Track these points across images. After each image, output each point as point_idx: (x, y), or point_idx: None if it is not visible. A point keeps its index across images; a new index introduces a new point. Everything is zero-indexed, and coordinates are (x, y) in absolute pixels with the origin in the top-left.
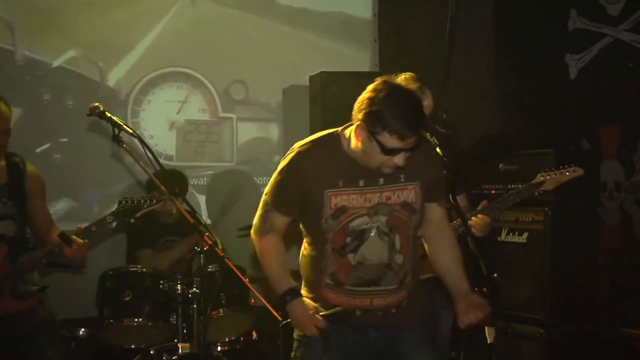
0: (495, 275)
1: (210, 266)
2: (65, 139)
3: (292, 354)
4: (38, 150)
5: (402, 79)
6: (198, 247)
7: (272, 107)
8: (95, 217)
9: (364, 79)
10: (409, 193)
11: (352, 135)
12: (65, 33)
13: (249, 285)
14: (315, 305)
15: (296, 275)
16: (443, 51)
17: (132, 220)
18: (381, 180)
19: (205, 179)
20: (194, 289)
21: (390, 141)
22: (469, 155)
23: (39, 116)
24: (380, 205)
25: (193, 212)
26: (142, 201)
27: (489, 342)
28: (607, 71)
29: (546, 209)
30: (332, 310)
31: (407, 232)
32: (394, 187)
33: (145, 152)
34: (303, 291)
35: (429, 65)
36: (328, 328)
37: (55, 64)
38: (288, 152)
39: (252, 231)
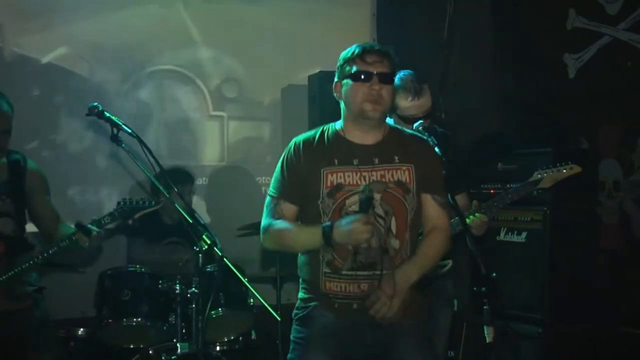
0: (494, 274)
1: (209, 266)
2: (54, 136)
3: (289, 355)
4: (27, 147)
5: (400, 77)
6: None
7: (264, 106)
8: (84, 215)
9: None
10: (403, 173)
11: (342, 110)
12: (55, 30)
13: (247, 285)
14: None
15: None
16: (441, 50)
17: (130, 222)
18: (376, 160)
19: (200, 179)
20: (193, 289)
21: (354, 66)
22: (467, 154)
23: (28, 113)
24: (375, 183)
25: (192, 212)
26: (141, 202)
27: (487, 341)
28: (605, 70)
29: (545, 208)
30: (360, 199)
31: (403, 217)
32: (388, 167)
33: (144, 152)
34: (302, 293)
35: (427, 64)
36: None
37: (45, 60)
38: (288, 145)
39: (261, 231)
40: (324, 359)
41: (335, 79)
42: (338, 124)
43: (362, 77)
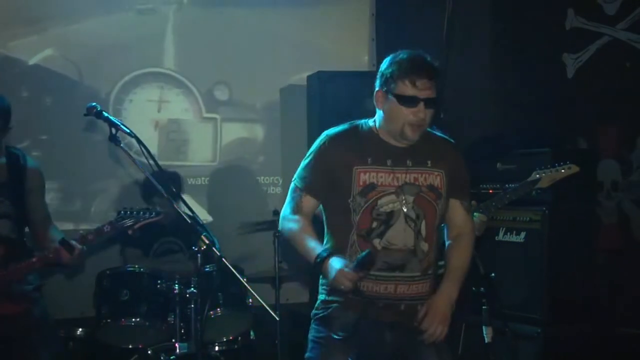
0: (493, 274)
1: (207, 266)
2: (44, 137)
3: (307, 354)
4: (18, 146)
5: None
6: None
7: (257, 108)
8: (74, 216)
9: (361, 78)
10: (435, 178)
11: (378, 113)
12: (42, 32)
13: (246, 285)
14: (346, 262)
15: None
16: (440, 50)
17: (130, 232)
18: (409, 162)
19: (191, 179)
20: (192, 289)
21: (404, 89)
22: (466, 154)
23: (17, 113)
24: (408, 185)
25: (191, 211)
26: (142, 213)
27: (486, 341)
28: (604, 70)
29: (544, 208)
30: (358, 257)
31: (433, 220)
32: (421, 170)
33: (143, 152)
34: (323, 294)
35: None
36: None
37: (32, 62)
38: (319, 138)
39: (280, 218)
40: (344, 359)
41: (377, 87)
42: (372, 121)
43: (409, 102)
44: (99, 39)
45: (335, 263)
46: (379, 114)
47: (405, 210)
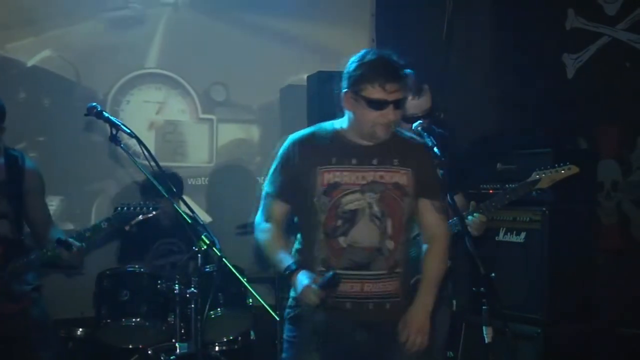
0: (493, 274)
1: (208, 266)
2: (41, 138)
3: (282, 354)
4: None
5: None
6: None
7: (254, 109)
8: (74, 216)
9: None
10: (402, 177)
11: (347, 114)
12: (41, 33)
13: (246, 285)
14: (314, 277)
15: None
16: (441, 50)
17: (127, 228)
18: (375, 161)
19: (190, 180)
20: (192, 289)
21: (373, 92)
22: (466, 154)
23: (15, 115)
24: (374, 184)
25: (191, 212)
26: (139, 208)
27: (486, 341)
28: (604, 71)
29: (544, 208)
30: (324, 277)
31: (400, 219)
32: (387, 169)
33: (143, 153)
34: (294, 291)
35: (426, 64)
36: (325, 299)
37: (30, 63)
38: (285, 143)
39: (254, 226)
40: (316, 359)
41: (345, 88)
42: (338, 123)
43: (378, 106)
44: (97, 40)
45: (303, 278)
46: (347, 114)
47: (369, 208)
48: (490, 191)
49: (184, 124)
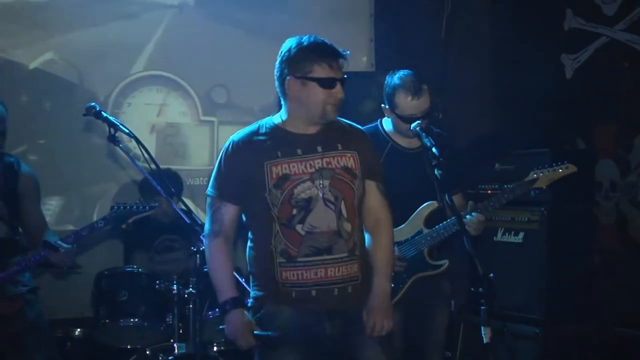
0: (491, 275)
1: (206, 266)
2: (42, 141)
3: (255, 357)
4: (14, 151)
5: (400, 76)
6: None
7: (254, 111)
8: (75, 219)
9: (360, 78)
10: (348, 160)
11: (286, 102)
12: (42, 35)
13: (244, 285)
14: (252, 322)
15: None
16: (439, 51)
17: (123, 226)
18: (319, 148)
19: (190, 180)
20: (190, 289)
21: (321, 71)
22: (464, 155)
23: (16, 118)
24: (323, 170)
25: (189, 212)
26: (135, 207)
27: (485, 342)
28: (602, 71)
29: (542, 208)
30: (267, 333)
31: (352, 201)
32: (333, 154)
33: (142, 153)
34: (255, 290)
35: (425, 64)
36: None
37: (32, 66)
38: (225, 144)
39: (205, 238)
40: (291, 357)
41: (286, 75)
42: (276, 118)
43: (330, 84)
44: (99, 42)
45: (235, 320)
46: (289, 103)
47: (322, 194)
48: (489, 191)
49: (185, 126)
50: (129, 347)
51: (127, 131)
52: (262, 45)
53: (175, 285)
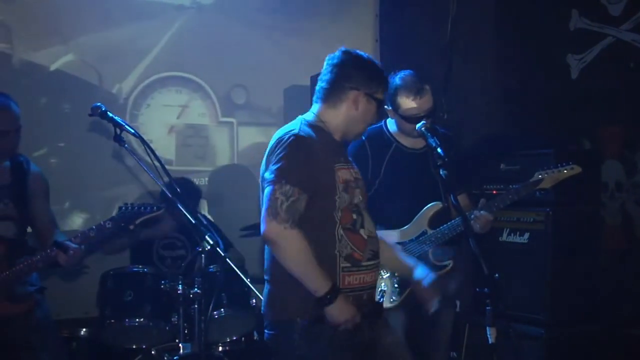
0: (497, 275)
1: (211, 266)
2: (62, 144)
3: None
4: (35, 154)
5: (402, 77)
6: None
7: (273, 112)
8: (94, 222)
9: None
10: (357, 171)
11: (329, 108)
12: (63, 37)
13: (250, 285)
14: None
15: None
16: (444, 51)
17: (131, 227)
18: (343, 158)
19: (206, 180)
20: (195, 289)
21: (381, 95)
22: (470, 155)
23: (36, 120)
24: (358, 180)
25: (195, 213)
26: (143, 208)
27: (490, 342)
28: (608, 71)
29: (547, 209)
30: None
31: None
32: (352, 165)
33: (148, 153)
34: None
35: (430, 65)
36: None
37: (53, 67)
38: (286, 138)
39: (271, 229)
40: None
41: (359, 89)
42: (319, 121)
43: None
44: (119, 43)
45: (348, 304)
46: (334, 111)
47: (363, 201)
48: (494, 192)
49: (204, 128)
50: (134, 347)
51: (132, 131)
52: (275, 41)
53: (180, 285)
